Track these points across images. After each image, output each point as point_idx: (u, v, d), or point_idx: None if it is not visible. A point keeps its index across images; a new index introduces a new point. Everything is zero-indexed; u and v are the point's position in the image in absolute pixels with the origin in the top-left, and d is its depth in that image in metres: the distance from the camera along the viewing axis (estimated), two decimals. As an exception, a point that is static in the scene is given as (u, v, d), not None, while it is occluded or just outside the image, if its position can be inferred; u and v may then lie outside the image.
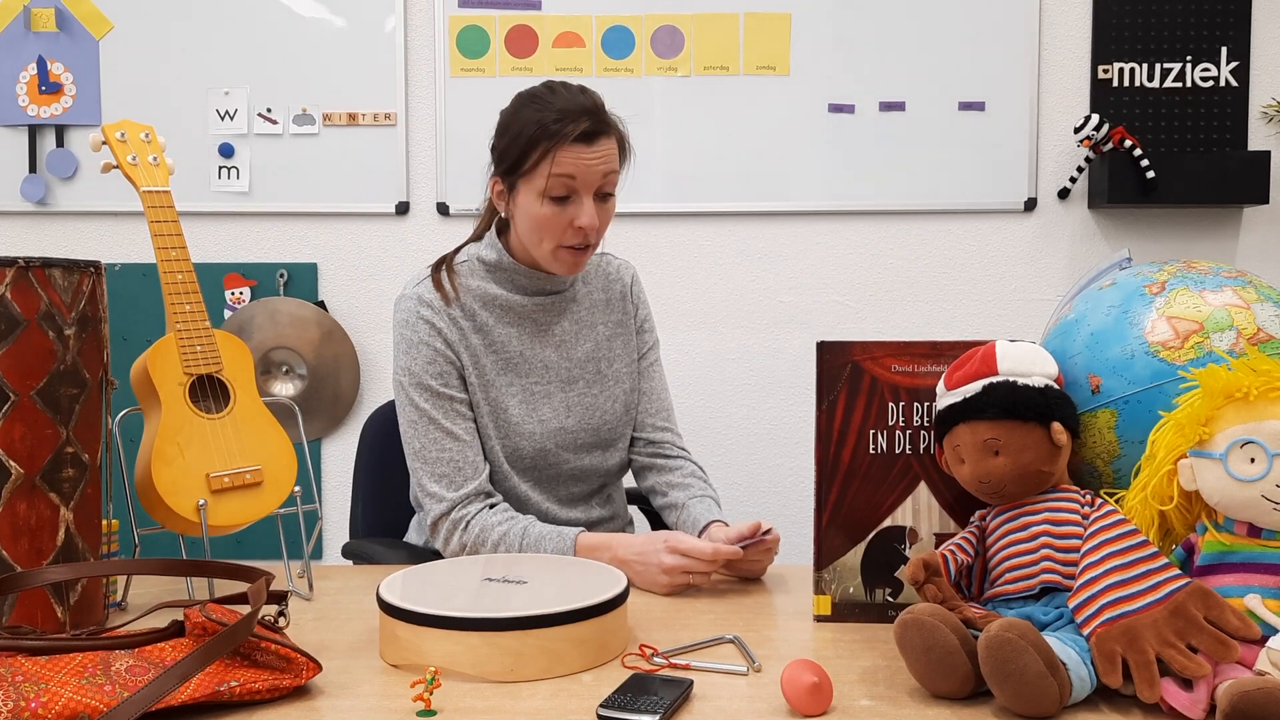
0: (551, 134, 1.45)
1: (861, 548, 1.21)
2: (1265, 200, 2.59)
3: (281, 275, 2.73)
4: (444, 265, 1.59)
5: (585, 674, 1.03)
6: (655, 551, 1.35)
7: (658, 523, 1.82)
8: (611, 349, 1.66)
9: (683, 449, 1.70)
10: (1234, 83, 2.67)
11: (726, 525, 1.47)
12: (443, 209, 2.72)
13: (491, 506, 1.50)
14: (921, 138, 2.69)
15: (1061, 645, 0.93)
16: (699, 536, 1.46)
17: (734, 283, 2.75)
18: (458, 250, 1.62)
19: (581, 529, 1.45)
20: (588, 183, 1.47)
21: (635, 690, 0.95)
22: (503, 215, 1.56)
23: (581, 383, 1.61)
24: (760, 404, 2.77)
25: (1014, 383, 1.08)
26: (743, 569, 1.42)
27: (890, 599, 1.21)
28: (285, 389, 2.72)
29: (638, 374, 1.70)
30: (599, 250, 1.67)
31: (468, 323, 1.55)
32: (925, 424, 1.20)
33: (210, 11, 2.70)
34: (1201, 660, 0.90)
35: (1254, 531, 0.96)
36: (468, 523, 1.48)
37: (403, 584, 1.12)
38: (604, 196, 1.51)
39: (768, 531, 1.39)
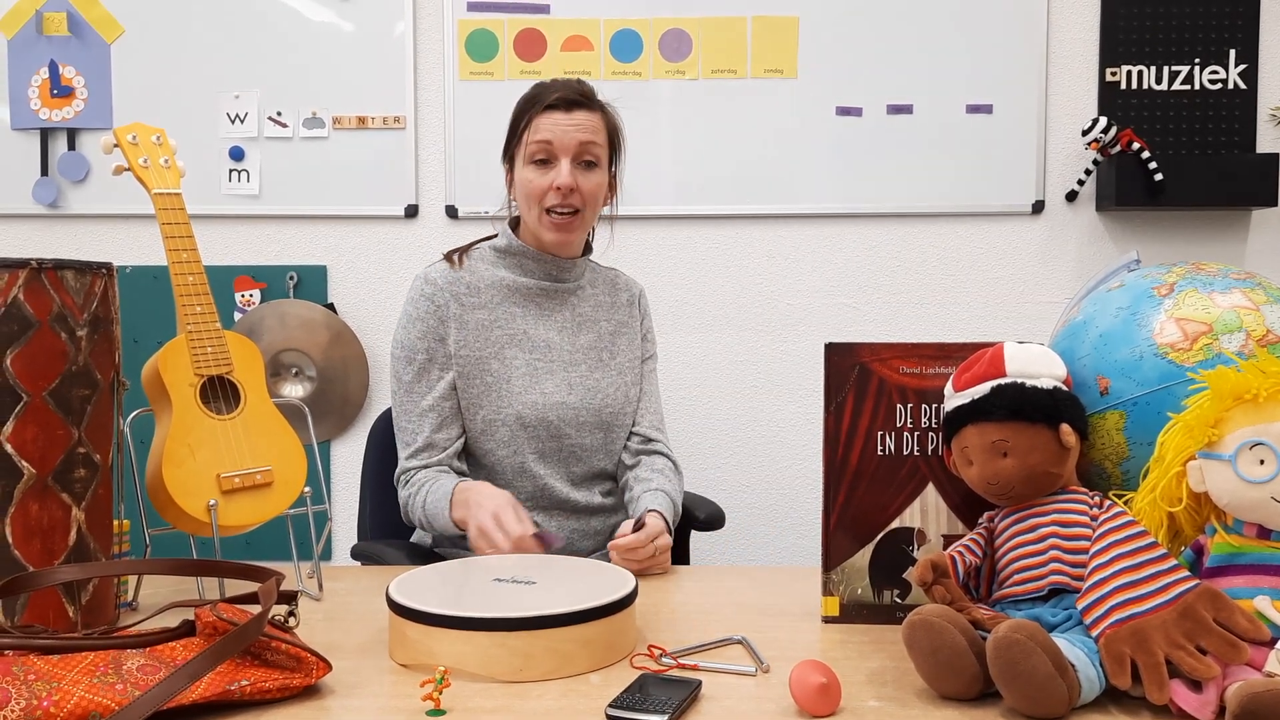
0: (531, 104, 1.60)
1: (869, 549, 1.21)
2: (1274, 203, 2.58)
3: (291, 278, 2.74)
4: (459, 250, 1.69)
5: (593, 674, 1.04)
6: (495, 500, 1.45)
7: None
8: (615, 343, 1.71)
9: (667, 449, 1.73)
10: (1242, 85, 2.66)
11: (662, 516, 1.50)
12: (452, 212, 2.73)
13: (443, 470, 1.60)
14: (929, 140, 2.69)
15: (1070, 646, 0.93)
16: (635, 521, 1.48)
17: (742, 285, 2.75)
18: (475, 243, 1.71)
19: (464, 479, 1.56)
20: (564, 146, 1.58)
21: (643, 690, 0.96)
22: (512, 201, 1.67)
23: (584, 365, 1.67)
24: (768, 406, 2.77)
25: (1022, 384, 1.08)
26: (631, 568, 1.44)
27: (898, 600, 1.21)
28: (295, 391, 2.73)
29: (641, 373, 1.73)
30: (608, 265, 1.74)
31: (472, 299, 1.63)
32: (933, 426, 1.20)
33: (220, 15, 2.71)
34: (1211, 662, 0.89)
35: (1263, 533, 0.96)
36: (412, 478, 1.60)
37: (412, 584, 1.12)
38: (587, 165, 1.60)
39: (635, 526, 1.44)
